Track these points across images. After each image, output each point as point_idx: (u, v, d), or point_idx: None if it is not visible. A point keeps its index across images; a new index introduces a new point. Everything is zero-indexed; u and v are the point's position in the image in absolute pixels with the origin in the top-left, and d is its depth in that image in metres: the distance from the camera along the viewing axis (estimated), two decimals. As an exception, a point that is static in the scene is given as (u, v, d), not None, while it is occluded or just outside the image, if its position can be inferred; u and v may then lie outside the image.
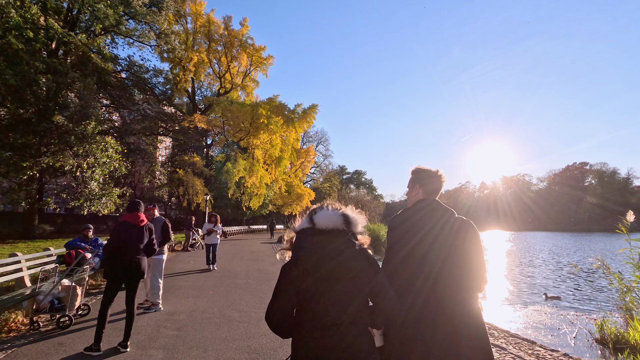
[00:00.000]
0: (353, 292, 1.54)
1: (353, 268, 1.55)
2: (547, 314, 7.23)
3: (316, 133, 73.47)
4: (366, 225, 1.78)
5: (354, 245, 1.61)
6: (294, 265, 1.56)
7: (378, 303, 1.60)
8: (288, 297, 1.55)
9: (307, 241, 1.62)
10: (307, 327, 1.53)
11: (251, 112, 28.91)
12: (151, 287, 5.28)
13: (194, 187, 28.95)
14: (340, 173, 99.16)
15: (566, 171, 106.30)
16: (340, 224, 1.64)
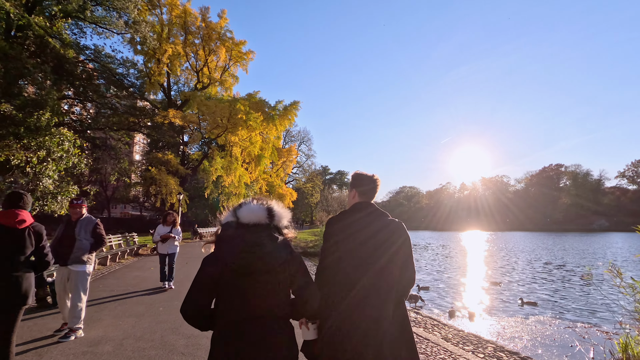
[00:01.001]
0: (274, 285, 1.56)
1: (274, 262, 1.56)
2: (553, 327, 6.41)
3: (299, 132, 72.34)
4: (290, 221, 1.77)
5: (277, 239, 1.62)
6: (213, 259, 1.57)
7: (300, 296, 1.66)
8: (205, 291, 1.54)
9: (229, 235, 1.61)
10: (226, 321, 1.54)
11: (229, 108, 27.54)
12: (71, 307, 4.07)
13: (167, 186, 27.32)
14: (323, 173, 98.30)
15: (542, 172, 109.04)
16: (264, 218, 1.63)
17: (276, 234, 1.64)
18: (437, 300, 9.19)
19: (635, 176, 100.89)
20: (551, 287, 10.89)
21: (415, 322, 5.97)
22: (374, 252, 1.86)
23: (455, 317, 7.30)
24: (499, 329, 6.34)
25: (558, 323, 6.62)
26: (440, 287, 11.12)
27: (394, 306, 1.85)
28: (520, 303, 8.52)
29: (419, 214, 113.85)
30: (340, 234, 1.92)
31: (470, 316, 7.13)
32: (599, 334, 5.97)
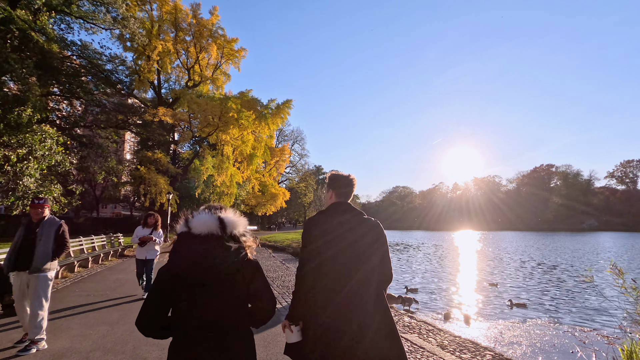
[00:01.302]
0: (228, 294, 1.58)
1: (225, 271, 1.57)
2: (552, 331, 6.18)
3: (292, 132, 71.88)
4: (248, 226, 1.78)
5: (229, 248, 1.62)
6: (166, 270, 1.57)
7: (255, 304, 1.68)
8: (158, 301, 1.55)
9: (182, 245, 1.62)
10: (181, 330, 1.55)
11: (220, 106, 27.09)
12: (31, 317, 3.68)
13: (157, 186, 26.81)
14: (317, 173, 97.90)
15: (534, 173, 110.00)
16: (216, 228, 1.63)
17: (231, 242, 1.65)
18: (431, 302, 8.94)
19: (624, 177, 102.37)
20: (546, 288, 10.72)
21: (410, 328, 5.68)
22: (355, 253, 1.91)
23: (450, 321, 7.05)
24: (496, 333, 6.08)
25: (556, 327, 6.39)
26: (433, 288, 10.88)
27: (374, 303, 1.91)
28: (510, 305, 8.36)
29: (412, 214, 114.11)
30: (320, 238, 1.94)
31: (466, 320, 6.87)
32: (600, 338, 5.75)
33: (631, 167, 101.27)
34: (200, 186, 30.41)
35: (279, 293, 7.40)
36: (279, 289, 7.89)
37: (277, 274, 10.44)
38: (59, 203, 15.54)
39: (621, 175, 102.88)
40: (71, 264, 9.01)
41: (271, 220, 63.95)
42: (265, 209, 48.68)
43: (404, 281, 12.04)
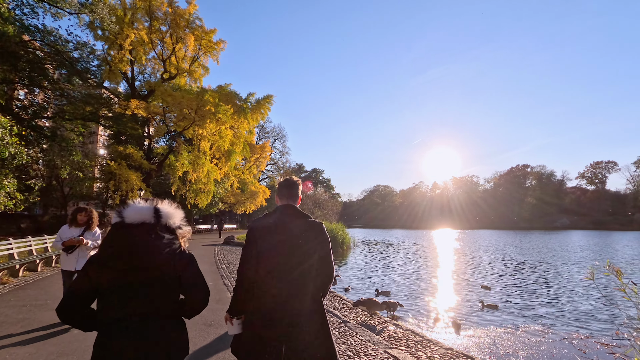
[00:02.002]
0: (157, 284, 1.57)
1: (156, 261, 1.57)
2: (547, 339, 5.72)
3: (273, 129, 70.83)
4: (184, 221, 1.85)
5: (163, 238, 1.62)
6: (95, 259, 1.57)
7: (187, 295, 1.68)
8: (82, 291, 1.54)
9: (113, 235, 1.61)
10: (107, 320, 1.52)
11: (196, 99, 25.91)
12: None
13: (128, 182, 25.41)
14: (298, 171, 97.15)
15: (510, 173, 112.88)
16: (150, 217, 1.65)
17: (165, 233, 1.66)
18: (415, 305, 8.40)
19: (594, 177, 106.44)
20: (533, 290, 10.42)
21: (396, 339, 5.07)
22: (294, 252, 2.00)
23: (439, 329, 6.51)
24: (489, 343, 5.57)
25: (551, 334, 5.95)
26: (415, 290, 10.38)
27: (310, 302, 1.99)
28: (481, 306, 8.08)
29: (393, 213, 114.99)
30: (262, 237, 2.03)
31: (456, 327, 6.35)
32: (599, 347, 5.32)
33: (600, 168, 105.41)
34: (176, 183, 29.10)
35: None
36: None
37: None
38: (15, 199, 14.21)
39: (591, 175, 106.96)
40: (12, 267, 7.93)
41: (251, 218, 62.64)
42: (244, 207, 47.52)
43: (384, 282, 11.52)
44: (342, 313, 6.55)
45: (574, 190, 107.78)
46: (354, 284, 10.97)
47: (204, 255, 14.54)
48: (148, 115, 27.67)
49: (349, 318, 6.25)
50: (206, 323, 4.89)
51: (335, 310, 6.64)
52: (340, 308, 6.93)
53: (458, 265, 16.33)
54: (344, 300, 7.71)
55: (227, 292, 7.25)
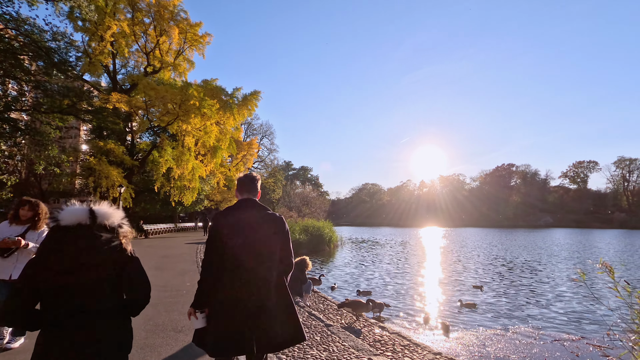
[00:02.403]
0: (98, 284, 1.63)
1: (96, 260, 1.62)
2: (539, 342, 5.51)
3: (261, 126, 70.02)
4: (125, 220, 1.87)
5: (101, 237, 1.66)
6: (32, 261, 1.61)
7: (130, 294, 1.75)
8: (24, 293, 1.57)
9: (50, 238, 1.65)
10: (48, 318, 1.57)
11: (180, 93, 25.19)
12: None
13: (109, 178, 24.58)
14: (286, 169, 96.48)
15: (496, 172, 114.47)
16: (85, 219, 1.68)
17: (104, 233, 1.71)
18: (400, 305, 8.14)
19: (576, 176, 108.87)
20: (519, 289, 10.29)
21: (382, 344, 4.77)
22: (256, 243, 2.14)
23: (427, 331, 6.25)
24: (479, 346, 5.32)
25: (542, 336, 5.74)
26: (402, 290, 10.14)
27: (275, 290, 2.17)
28: (460, 305, 7.94)
29: (380, 211, 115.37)
30: (225, 230, 2.16)
31: (445, 329, 6.10)
32: (592, 349, 5.13)
33: (582, 167, 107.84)
34: (160, 179, 28.28)
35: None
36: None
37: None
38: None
39: (573, 175, 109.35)
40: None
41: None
42: (231, 204, 46.76)
43: (371, 281, 11.26)
44: (326, 315, 6.23)
45: (557, 189, 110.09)
46: (339, 283, 10.69)
47: (185, 254, 14.02)
48: (130, 109, 26.83)
49: (333, 321, 5.92)
50: (176, 329, 4.49)
51: (319, 313, 6.31)
52: (324, 310, 6.61)
53: (445, 264, 16.22)
54: (329, 301, 7.39)
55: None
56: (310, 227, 22.35)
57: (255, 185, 2.37)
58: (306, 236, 20.98)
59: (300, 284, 6.70)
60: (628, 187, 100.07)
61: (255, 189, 2.36)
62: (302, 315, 5.48)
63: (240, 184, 2.36)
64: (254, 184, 2.36)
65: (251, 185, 2.35)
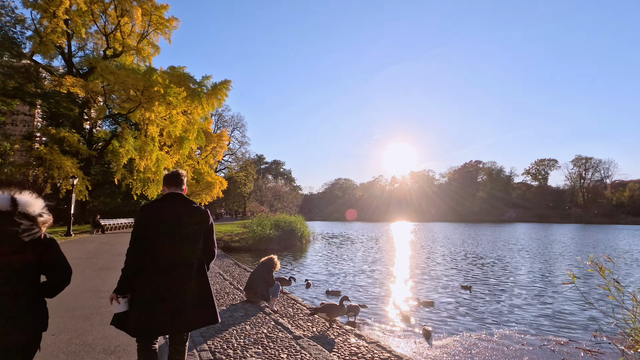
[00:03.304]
0: (17, 267, 1.75)
1: (15, 245, 1.73)
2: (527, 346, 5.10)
3: (232, 117, 67.81)
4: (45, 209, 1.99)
5: (21, 224, 1.78)
6: None
7: (49, 277, 1.90)
8: None
9: None
10: None
11: (143, 79, 23.45)
12: None
13: (62, 169, 22.57)
14: (258, 162, 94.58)
15: (463, 168, 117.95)
16: (6, 206, 1.80)
17: (24, 220, 1.82)
18: (379, 308, 7.59)
19: (537, 173, 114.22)
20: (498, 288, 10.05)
21: (358, 357, 4.13)
22: (179, 233, 2.31)
23: (408, 336, 5.71)
24: (465, 353, 4.83)
25: (529, 339, 5.35)
26: (377, 288, 9.64)
27: (195, 277, 2.38)
28: (417, 303, 7.66)
29: (353, 206, 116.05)
30: (150, 221, 2.31)
31: (427, 335, 5.57)
32: (582, 353, 4.76)
33: (543, 165, 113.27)
34: (120, 171, 26.39)
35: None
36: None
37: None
38: None
39: (535, 172, 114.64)
40: None
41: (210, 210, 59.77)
42: (200, 198, 44.90)
43: (345, 279, 10.70)
44: (295, 322, 5.52)
45: (520, 186, 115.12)
46: (311, 279, 10.06)
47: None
48: (87, 95, 24.77)
49: (304, 329, 5.23)
50: (107, 349, 3.62)
51: (287, 320, 5.59)
52: (293, 315, 5.89)
53: (417, 260, 15.99)
54: (299, 304, 6.69)
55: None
56: (282, 222, 21.56)
57: (181, 180, 2.57)
58: (277, 231, 20.18)
59: (266, 286, 5.96)
60: (584, 184, 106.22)
61: (181, 184, 2.56)
62: (267, 325, 4.75)
63: (167, 179, 2.55)
64: (179, 180, 2.56)
65: (177, 181, 2.54)
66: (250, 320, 4.93)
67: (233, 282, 7.90)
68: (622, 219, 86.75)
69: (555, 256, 16.67)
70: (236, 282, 8.42)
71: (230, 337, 4.21)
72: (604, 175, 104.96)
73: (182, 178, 2.57)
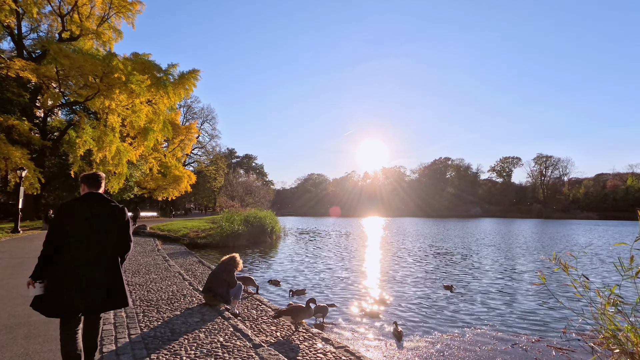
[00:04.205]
0: None
1: None
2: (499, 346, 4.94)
3: (202, 109, 65.64)
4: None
5: None
6: None
7: None
8: None
9: None
10: None
11: (103, 64, 21.91)
12: None
13: (10, 160, 20.72)
14: (229, 156, 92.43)
15: (433, 165, 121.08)
16: None
17: None
18: (347, 307, 7.28)
19: (502, 171, 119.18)
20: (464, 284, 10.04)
21: (325, 367, 3.75)
22: (94, 228, 2.73)
23: (378, 338, 5.41)
24: (438, 355, 4.57)
25: (501, 339, 5.20)
26: (347, 286, 9.35)
27: (106, 265, 2.77)
28: (373, 302, 7.48)
29: (325, 201, 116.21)
30: (68, 215, 2.70)
31: (397, 336, 5.30)
32: (554, 352, 4.64)
33: (508, 162, 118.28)
34: (78, 163, 24.61)
35: (133, 310, 4.84)
36: (138, 303, 5.30)
37: (146, 278, 7.64)
38: None
39: (500, 169, 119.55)
40: None
41: (176, 205, 57.79)
42: (166, 193, 43.23)
43: (316, 277, 10.35)
44: (258, 327, 5.08)
45: (486, 182, 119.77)
46: (279, 277, 9.63)
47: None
48: (39, 80, 22.83)
49: (266, 334, 4.80)
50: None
51: (248, 325, 5.13)
52: (256, 319, 5.44)
53: (388, 257, 15.93)
54: (264, 305, 6.25)
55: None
56: (252, 218, 20.90)
57: (99, 181, 2.93)
58: (246, 227, 19.52)
59: (227, 287, 5.46)
60: (544, 181, 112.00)
61: (98, 184, 2.93)
62: (224, 332, 4.27)
63: (87, 180, 2.90)
64: (97, 181, 2.92)
65: (96, 182, 2.91)
66: (206, 327, 4.44)
67: (194, 282, 7.32)
68: (577, 214, 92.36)
69: (522, 252, 17.15)
70: (197, 282, 7.84)
71: (179, 348, 3.71)
72: (562, 172, 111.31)
73: (100, 180, 2.96)
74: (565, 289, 8.39)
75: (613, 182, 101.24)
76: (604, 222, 65.20)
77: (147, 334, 4.13)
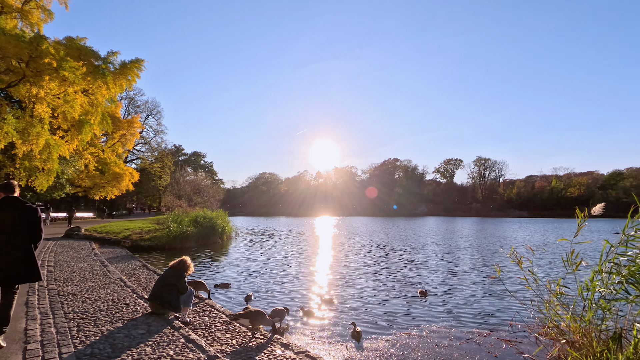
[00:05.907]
0: None
1: None
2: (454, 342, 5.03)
3: (146, 103, 61.50)
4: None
5: None
6: None
7: None
8: None
9: None
10: None
11: (29, 47, 19.59)
12: None
13: None
14: (176, 153, 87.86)
15: (383, 165, 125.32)
16: None
17: None
18: (304, 307, 7.11)
19: (445, 172, 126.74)
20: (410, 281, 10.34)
21: (287, 376, 3.54)
22: (12, 223, 3.72)
23: (337, 340, 5.29)
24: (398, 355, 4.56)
25: (455, 334, 5.35)
26: (302, 286, 9.20)
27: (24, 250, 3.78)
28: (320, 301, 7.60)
29: (278, 201, 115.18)
30: None
31: (356, 337, 5.22)
32: (504, 344, 4.86)
33: (450, 164, 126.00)
34: (-3, 158, 21.74)
35: (65, 325, 4.22)
36: (72, 315, 4.65)
37: (81, 286, 6.84)
38: None
39: (443, 170, 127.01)
40: None
41: (116, 205, 53.64)
42: (105, 192, 39.81)
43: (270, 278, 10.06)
44: (212, 335, 4.71)
45: (431, 183, 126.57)
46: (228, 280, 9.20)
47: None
48: (-52, 61, 19.78)
49: (221, 342, 4.46)
50: None
51: (201, 333, 4.74)
52: (209, 326, 5.06)
53: (341, 256, 16.04)
54: (217, 311, 5.86)
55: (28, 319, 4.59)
56: (201, 218, 19.93)
57: (12, 188, 3.95)
58: (196, 228, 18.56)
59: (177, 293, 5.02)
60: (483, 182, 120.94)
61: (13, 190, 3.94)
62: (175, 344, 3.88)
63: (2, 188, 3.90)
64: (11, 188, 3.94)
65: (10, 189, 3.93)
66: (154, 339, 4.00)
67: (137, 289, 6.68)
68: (511, 213, 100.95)
69: (470, 250, 18.17)
70: (141, 289, 7.19)
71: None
72: (498, 174, 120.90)
73: (14, 187, 3.93)
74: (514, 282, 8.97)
75: (540, 183, 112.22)
76: (533, 219, 72.01)
77: (82, 351, 3.62)
